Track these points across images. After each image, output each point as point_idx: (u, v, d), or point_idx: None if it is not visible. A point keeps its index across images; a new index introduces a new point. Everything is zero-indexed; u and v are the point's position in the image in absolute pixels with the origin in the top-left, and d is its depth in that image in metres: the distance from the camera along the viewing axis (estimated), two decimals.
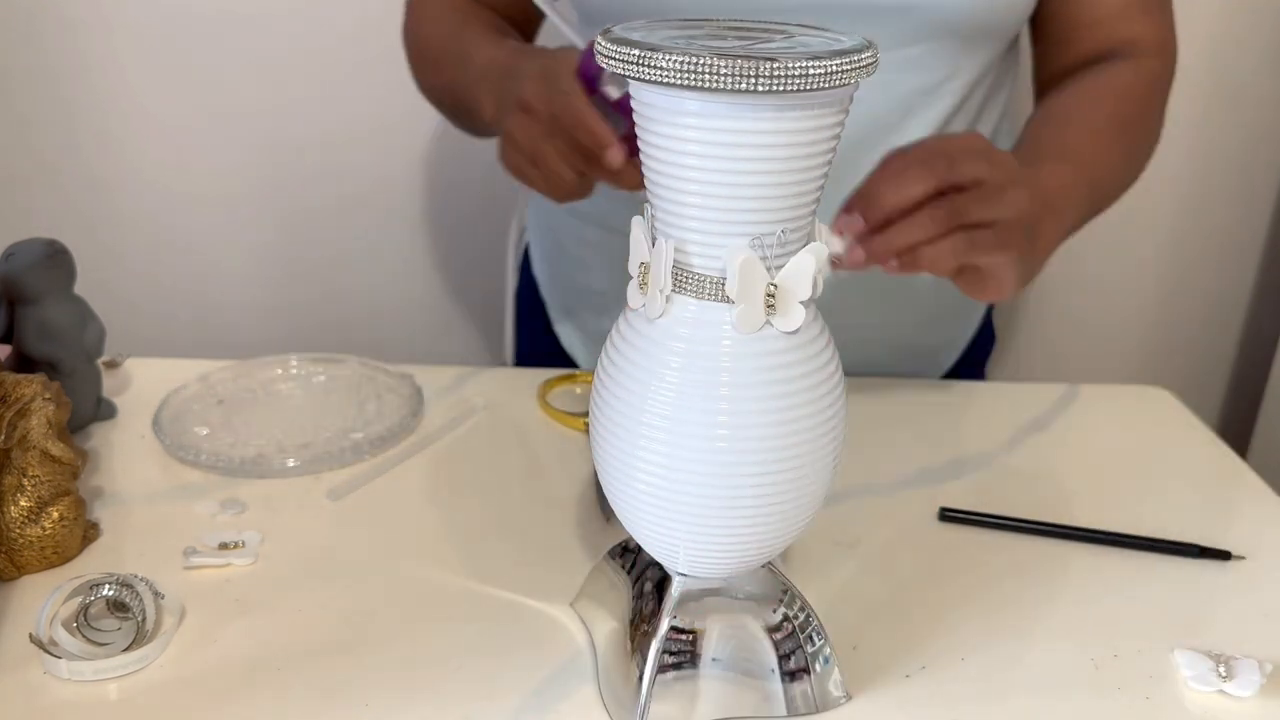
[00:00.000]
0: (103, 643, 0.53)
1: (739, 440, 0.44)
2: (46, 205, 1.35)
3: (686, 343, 0.45)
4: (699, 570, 0.50)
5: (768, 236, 0.43)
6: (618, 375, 0.46)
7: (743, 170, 0.42)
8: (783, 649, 0.50)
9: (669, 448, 0.45)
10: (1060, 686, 0.53)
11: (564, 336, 0.94)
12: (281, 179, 1.35)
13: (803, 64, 0.39)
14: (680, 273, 0.45)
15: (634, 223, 0.46)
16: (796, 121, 0.41)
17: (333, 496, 0.67)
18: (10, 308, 0.69)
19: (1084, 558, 0.63)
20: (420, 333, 1.45)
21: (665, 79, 0.40)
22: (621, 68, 0.41)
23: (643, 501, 0.47)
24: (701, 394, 0.44)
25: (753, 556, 0.48)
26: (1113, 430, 0.78)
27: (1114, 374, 1.47)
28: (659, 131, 0.42)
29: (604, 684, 0.52)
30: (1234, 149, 1.38)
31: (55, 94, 1.30)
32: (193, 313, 1.42)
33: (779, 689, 0.50)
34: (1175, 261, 1.44)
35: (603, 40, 0.42)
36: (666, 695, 0.49)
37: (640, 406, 0.45)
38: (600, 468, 0.49)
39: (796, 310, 0.44)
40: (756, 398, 0.44)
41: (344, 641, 0.54)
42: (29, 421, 0.59)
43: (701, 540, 0.47)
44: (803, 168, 0.42)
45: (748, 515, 0.46)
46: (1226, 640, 0.56)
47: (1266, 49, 1.33)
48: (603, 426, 0.47)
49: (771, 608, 0.51)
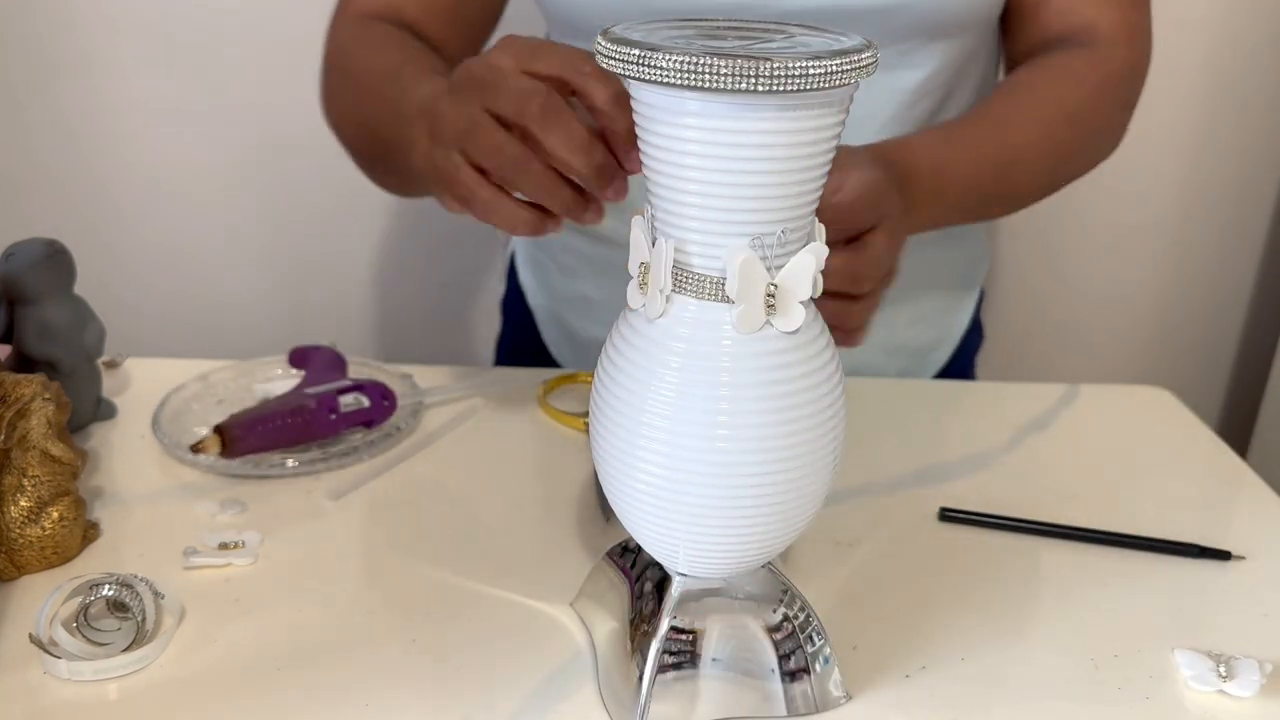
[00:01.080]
0: (103, 643, 0.53)
1: (739, 440, 0.44)
2: (46, 205, 1.35)
3: (686, 343, 0.45)
4: (699, 570, 0.50)
5: (768, 236, 0.43)
6: (618, 375, 0.46)
7: (743, 170, 0.42)
8: (783, 649, 0.50)
9: (669, 448, 0.45)
10: (1060, 686, 0.53)
11: (552, 345, 0.94)
12: (282, 179, 1.35)
13: (803, 64, 0.39)
14: (680, 273, 0.45)
15: (634, 222, 0.46)
16: (797, 121, 0.41)
17: (332, 496, 0.67)
18: (10, 308, 0.69)
19: (1084, 558, 0.63)
20: (420, 333, 1.45)
21: (666, 79, 0.40)
22: (621, 68, 0.41)
23: (643, 501, 0.47)
24: (701, 394, 0.44)
25: (753, 556, 0.48)
26: (1113, 430, 0.78)
27: (1114, 374, 1.47)
28: (659, 131, 0.42)
29: (604, 684, 0.52)
30: (1234, 149, 1.38)
31: (56, 94, 1.30)
32: (193, 313, 1.42)
33: (779, 689, 0.50)
34: (1175, 261, 1.44)
35: (603, 40, 0.42)
36: (666, 695, 0.49)
37: (640, 407, 0.45)
38: (600, 468, 0.49)
39: (796, 310, 0.44)
40: (757, 397, 0.44)
41: (344, 641, 0.54)
42: (29, 421, 0.59)
43: (701, 540, 0.47)
44: (803, 167, 0.42)
45: (748, 515, 0.46)
46: (1226, 640, 0.56)
47: (1266, 49, 1.33)
48: (603, 427, 0.47)
49: (772, 608, 0.51)
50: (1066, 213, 1.40)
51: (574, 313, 0.91)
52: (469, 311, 1.44)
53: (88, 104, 1.30)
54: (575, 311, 0.91)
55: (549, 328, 0.94)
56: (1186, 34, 1.29)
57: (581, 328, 0.91)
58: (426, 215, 1.38)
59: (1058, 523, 0.65)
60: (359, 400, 0.72)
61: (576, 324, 0.91)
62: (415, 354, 1.42)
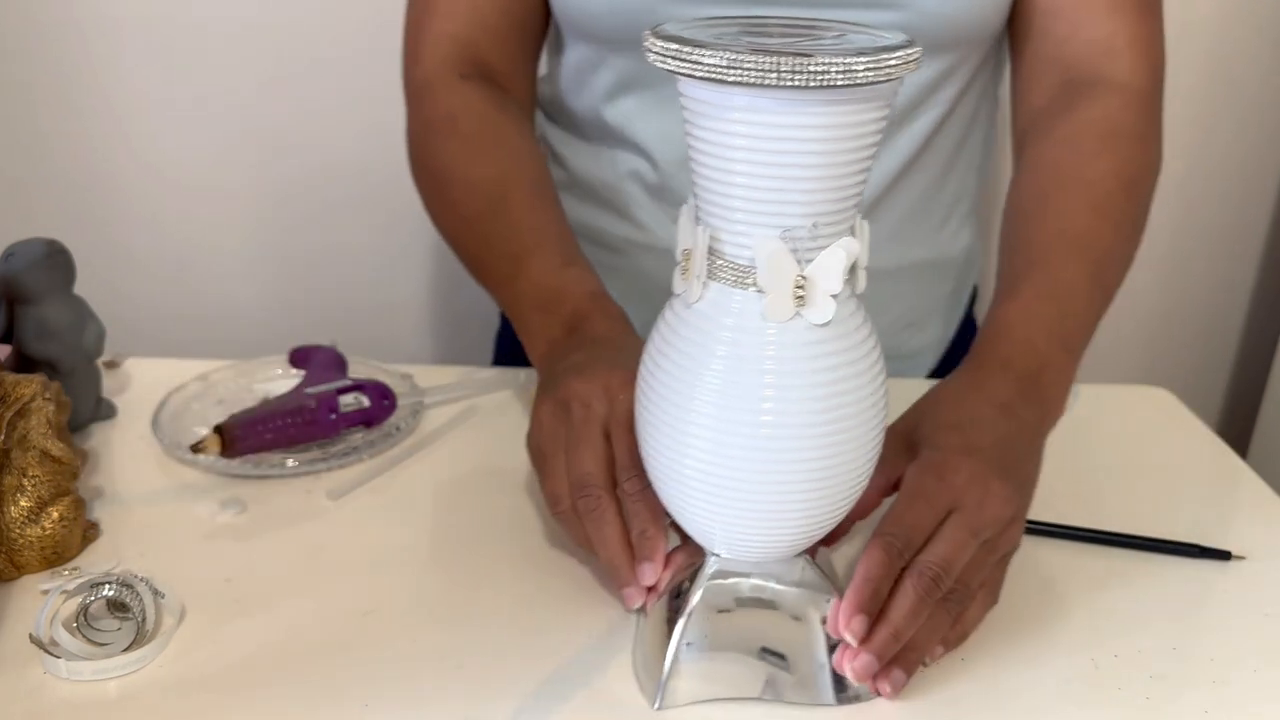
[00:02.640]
0: (103, 643, 0.53)
1: (783, 428, 0.45)
2: (46, 205, 1.35)
3: (721, 329, 0.46)
4: (735, 553, 0.51)
5: (798, 229, 0.44)
6: (662, 361, 0.48)
7: (785, 164, 0.43)
8: (829, 639, 0.51)
9: (713, 433, 0.46)
10: (1060, 686, 0.53)
11: None
12: (282, 179, 1.35)
13: (847, 60, 0.40)
14: (716, 260, 0.46)
15: (682, 210, 0.48)
16: (840, 116, 0.42)
17: (333, 496, 0.66)
18: (10, 308, 0.69)
19: (1084, 558, 0.63)
20: (420, 333, 1.45)
21: (713, 75, 0.41)
22: (670, 64, 0.42)
23: (687, 484, 0.48)
24: (742, 381, 0.45)
25: (790, 543, 0.50)
26: (1113, 430, 0.78)
27: (1114, 374, 1.47)
28: (706, 126, 0.44)
29: (637, 653, 0.53)
30: (1234, 149, 1.38)
31: (56, 95, 1.30)
32: (193, 313, 1.42)
33: (826, 678, 0.51)
34: (1175, 261, 1.44)
35: (653, 38, 0.43)
36: (691, 673, 0.51)
37: (684, 392, 0.47)
38: (645, 448, 0.50)
39: (826, 303, 0.45)
40: (797, 386, 0.45)
41: (344, 641, 0.54)
42: (29, 421, 0.59)
43: (741, 524, 0.48)
44: (842, 162, 0.43)
45: (787, 502, 0.47)
46: (1226, 640, 0.56)
47: (1266, 49, 1.33)
48: (647, 411, 0.49)
49: (826, 598, 0.52)
50: None
51: None
52: (469, 311, 1.44)
53: (88, 104, 1.30)
54: None
55: None
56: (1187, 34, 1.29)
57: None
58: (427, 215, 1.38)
59: (1058, 523, 0.65)
60: (359, 400, 0.72)
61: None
62: (415, 354, 1.42)
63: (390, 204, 1.36)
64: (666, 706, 0.50)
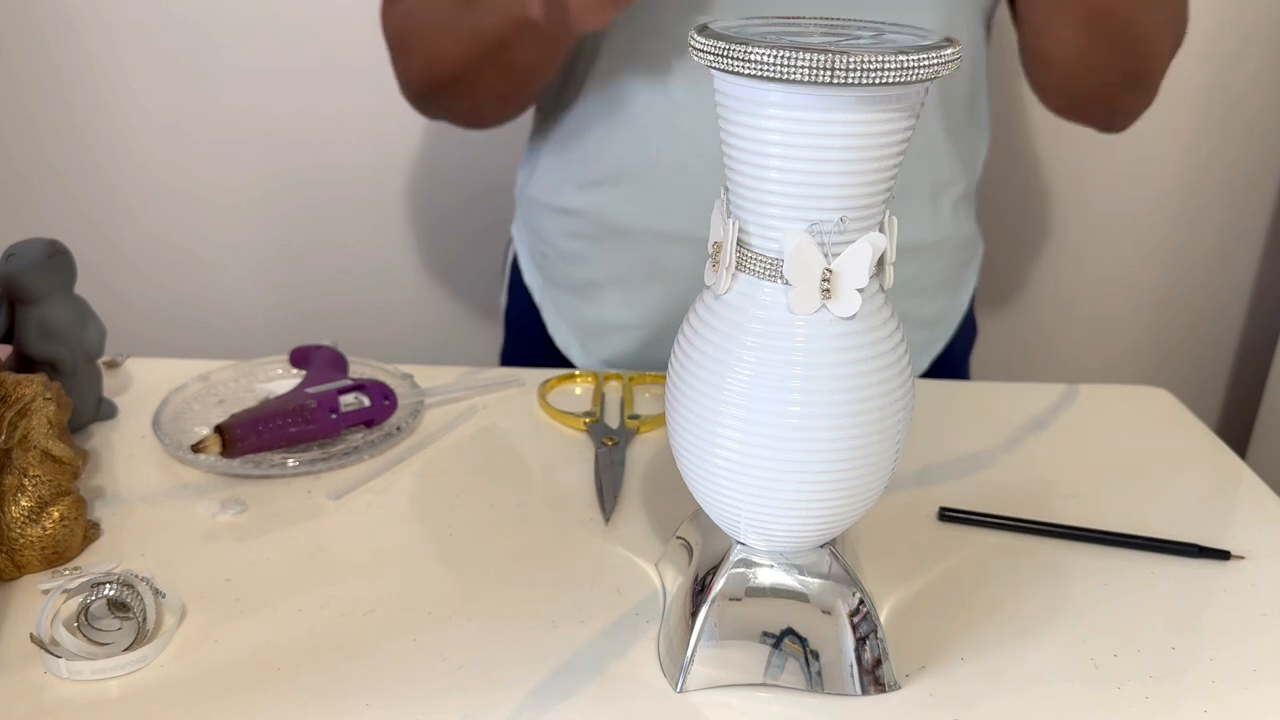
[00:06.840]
0: (103, 642, 0.53)
1: (810, 419, 0.46)
2: (47, 205, 1.35)
3: (750, 320, 0.47)
4: (759, 543, 0.52)
5: (826, 223, 0.44)
6: (692, 352, 0.49)
7: (819, 159, 0.43)
8: (859, 631, 0.52)
9: (742, 422, 0.47)
10: (1060, 686, 0.53)
11: (558, 336, 0.94)
12: (282, 180, 1.35)
13: (883, 59, 0.40)
14: (745, 253, 0.46)
15: (716, 204, 0.48)
16: (874, 114, 0.42)
17: (333, 496, 0.67)
18: (11, 308, 0.69)
19: (1084, 558, 0.63)
20: (420, 333, 1.45)
21: (751, 71, 0.41)
22: (710, 60, 0.43)
23: (715, 472, 0.48)
24: (770, 372, 0.46)
25: (815, 533, 0.50)
26: (1113, 430, 0.78)
27: (1113, 374, 1.47)
28: (741, 121, 0.44)
29: (663, 639, 0.54)
30: (1234, 148, 1.38)
31: (56, 95, 1.30)
32: (193, 313, 1.42)
33: (851, 671, 0.52)
34: (1175, 261, 1.44)
35: (695, 35, 0.44)
36: (715, 660, 0.51)
37: (714, 382, 0.47)
38: (675, 436, 0.50)
39: (852, 297, 0.45)
40: (823, 378, 0.46)
41: (344, 641, 0.54)
42: (30, 421, 0.59)
43: (767, 514, 0.49)
44: (877, 158, 0.44)
45: (814, 492, 0.48)
46: (1226, 640, 0.56)
47: (1267, 50, 1.33)
48: (678, 400, 0.49)
49: (834, 589, 0.52)
50: (1065, 212, 1.40)
51: (576, 295, 0.91)
52: (469, 311, 1.44)
53: (89, 104, 1.30)
54: (578, 294, 0.91)
55: (555, 321, 0.94)
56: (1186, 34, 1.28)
57: (584, 311, 0.91)
58: (428, 215, 1.38)
59: (1058, 523, 0.65)
60: (359, 400, 0.72)
61: (586, 311, 0.91)
62: (415, 354, 1.42)
63: (391, 204, 1.37)
64: (688, 689, 0.51)
